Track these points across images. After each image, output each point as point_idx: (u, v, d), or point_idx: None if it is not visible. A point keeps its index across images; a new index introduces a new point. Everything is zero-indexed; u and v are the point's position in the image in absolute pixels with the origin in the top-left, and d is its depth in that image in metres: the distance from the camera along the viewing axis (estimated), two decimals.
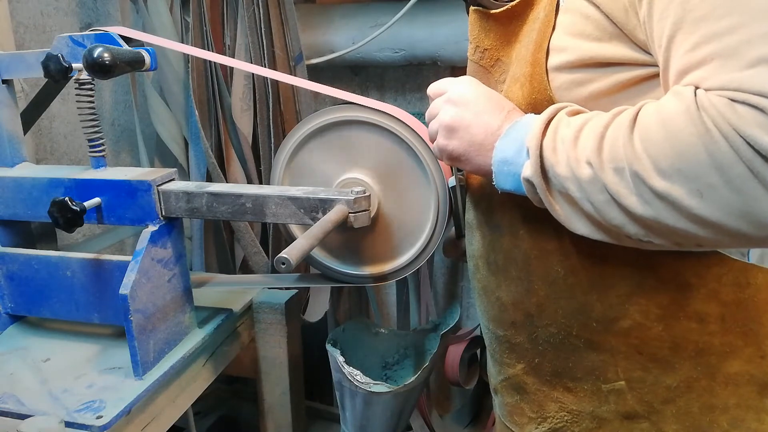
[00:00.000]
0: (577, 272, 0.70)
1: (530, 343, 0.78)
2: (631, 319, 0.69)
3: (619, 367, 0.71)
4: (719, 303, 0.66)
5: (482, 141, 0.67)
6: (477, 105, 0.68)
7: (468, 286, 1.99)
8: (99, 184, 0.96)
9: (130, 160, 1.76)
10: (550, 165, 0.59)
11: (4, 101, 1.04)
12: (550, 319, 0.74)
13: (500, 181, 0.66)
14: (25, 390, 0.92)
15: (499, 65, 0.76)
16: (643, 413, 0.72)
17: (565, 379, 0.76)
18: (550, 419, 0.79)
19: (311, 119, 0.97)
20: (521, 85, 0.69)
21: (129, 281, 0.90)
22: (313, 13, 1.75)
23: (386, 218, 0.99)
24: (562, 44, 0.64)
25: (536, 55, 0.66)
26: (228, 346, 1.19)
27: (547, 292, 0.73)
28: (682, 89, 0.52)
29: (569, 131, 0.58)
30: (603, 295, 0.69)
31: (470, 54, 0.81)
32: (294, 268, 0.73)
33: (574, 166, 0.56)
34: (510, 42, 0.74)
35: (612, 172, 0.54)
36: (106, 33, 0.95)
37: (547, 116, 0.61)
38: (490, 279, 0.81)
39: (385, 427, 1.21)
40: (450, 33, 1.61)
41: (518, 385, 0.82)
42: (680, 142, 0.50)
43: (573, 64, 0.63)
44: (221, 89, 1.55)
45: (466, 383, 1.78)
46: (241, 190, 0.94)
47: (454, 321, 1.23)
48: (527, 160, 0.61)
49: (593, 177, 0.55)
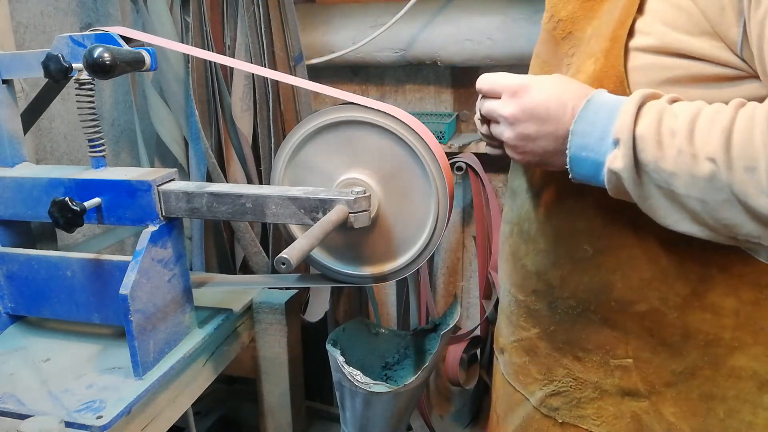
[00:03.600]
0: (604, 253, 0.72)
1: (549, 311, 0.80)
2: (648, 304, 0.71)
3: (630, 346, 0.73)
4: (737, 299, 0.67)
5: (554, 149, 0.65)
6: (541, 114, 0.65)
7: (468, 285, 1.99)
8: (99, 184, 0.96)
9: (130, 160, 1.76)
10: (652, 159, 0.56)
11: (4, 101, 1.04)
12: (570, 292, 0.76)
13: (577, 171, 0.64)
14: (25, 390, 0.92)
15: (570, 39, 0.75)
16: (644, 392, 0.74)
17: (576, 349, 0.78)
18: (556, 382, 0.82)
19: (311, 119, 0.97)
20: (595, 60, 0.67)
21: (129, 281, 0.90)
22: (313, 13, 1.75)
23: (386, 218, 0.99)
24: (650, 29, 0.63)
25: (617, 31, 0.65)
26: (228, 346, 1.19)
27: (572, 267, 0.75)
28: None
29: (680, 124, 0.56)
30: (626, 278, 0.71)
31: (544, 22, 0.79)
32: (294, 268, 0.73)
33: (690, 162, 0.54)
34: (587, 17, 0.72)
35: (742, 170, 0.52)
36: (106, 33, 0.94)
37: (637, 101, 0.58)
38: (520, 246, 0.83)
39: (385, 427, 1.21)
40: (450, 33, 1.61)
41: (530, 347, 0.85)
42: None
43: (657, 49, 0.63)
44: (221, 89, 1.55)
45: (466, 383, 1.78)
46: (241, 190, 0.94)
47: (454, 321, 1.23)
48: (614, 149, 0.59)
49: (713, 175, 0.53)
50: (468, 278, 1.99)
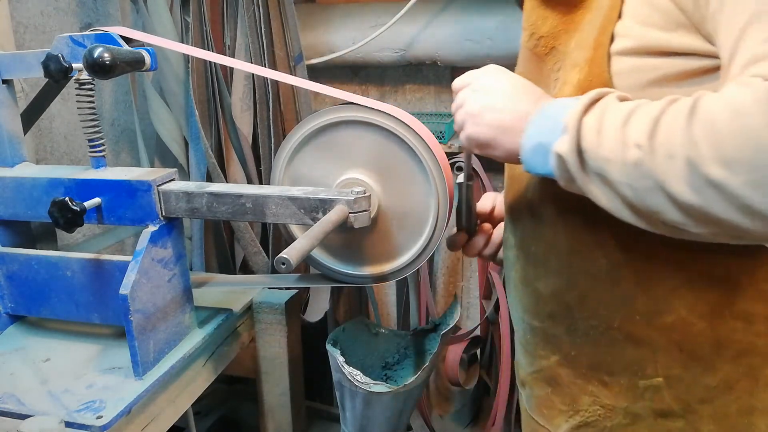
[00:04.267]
0: (622, 266, 0.69)
1: (568, 335, 0.76)
2: (675, 314, 0.68)
3: (659, 364, 0.70)
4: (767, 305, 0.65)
5: (511, 125, 0.66)
6: (504, 91, 0.68)
7: (468, 285, 1.99)
8: (99, 184, 0.96)
9: (130, 160, 1.76)
10: (592, 145, 0.57)
11: (4, 101, 1.04)
12: (590, 311, 0.73)
13: (532, 163, 0.64)
14: (25, 390, 0.92)
15: (554, 54, 0.75)
16: (679, 412, 0.70)
17: (601, 373, 0.74)
18: (582, 413, 0.78)
19: (311, 119, 0.97)
20: (580, 69, 0.68)
21: (129, 281, 0.90)
22: (313, 13, 1.75)
23: (386, 218, 0.99)
24: (627, 31, 0.64)
25: (600, 38, 0.65)
26: (228, 346, 1.19)
27: (590, 284, 0.72)
28: (751, 80, 0.51)
29: (619, 114, 0.57)
30: (649, 289, 0.68)
31: (524, 41, 0.80)
32: (294, 268, 0.73)
33: (620, 148, 0.55)
34: (569, 30, 0.73)
35: (663, 157, 0.53)
36: (106, 33, 0.94)
37: (592, 97, 0.60)
38: (529, 270, 0.80)
39: (385, 427, 1.21)
40: (450, 33, 1.61)
41: (551, 377, 0.80)
42: (749, 130, 0.49)
43: (636, 51, 0.63)
44: (221, 89, 1.55)
45: (466, 383, 1.78)
46: (241, 190, 0.94)
47: (454, 321, 1.23)
48: (562, 136, 0.60)
49: (639, 161, 0.54)
50: (468, 278, 1.99)
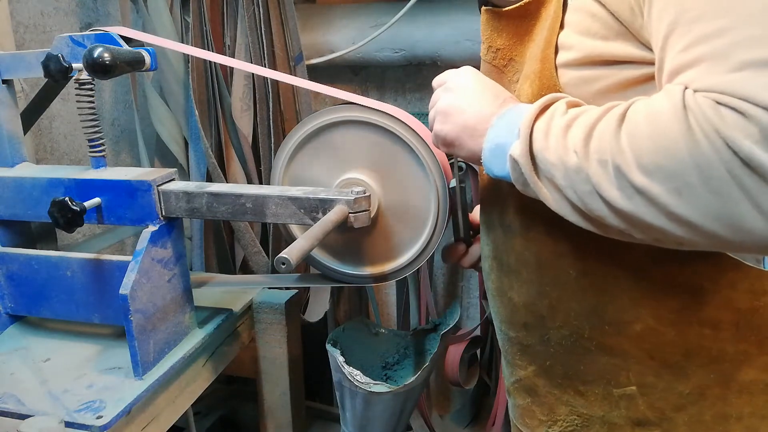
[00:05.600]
0: (589, 274, 0.70)
1: (542, 345, 0.77)
2: (643, 323, 0.68)
3: (631, 372, 0.70)
4: (733, 310, 0.65)
5: (474, 125, 0.67)
6: (473, 92, 0.69)
7: (468, 285, 1.99)
8: (99, 184, 0.96)
9: (130, 160, 1.76)
10: (540, 149, 0.59)
11: (4, 101, 1.04)
12: (562, 321, 0.74)
13: (490, 165, 0.66)
14: (25, 390, 0.92)
15: (512, 65, 0.76)
16: (654, 420, 0.71)
17: (576, 383, 0.75)
18: (560, 422, 0.78)
19: (311, 119, 0.97)
20: (531, 82, 0.69)
21: (129, 281, 0.90)
22: (313, 13, 1.75)
23: (386, 218, 0.99)
24: (570, 42, 0.64)
25: (545, 51, 0.66)
26: (228, 346, 1.19)
27: (559, 294, 0.73)
28: (672, 88, 0.52)
29: (563, 120, 0.58)
30: (615, 298, 0.69)
31: (483, 54, 0.81)
32: (294, 268, 0.73)
33: (562, 153, 0.57)
34: (523, 41, 0.74)
35: (596, 163, 0.54)
36: (106, 33, 0.95)
37: (544, 102, 0.61)
38: (503, 280, 0.81)
39: (385, 427, 1.21)
40: (450, 33, 1.61)
41: (529, 387, 0.81)
42: (664, 139, 0.50)
43: (580, 62, 0.64)
44: (221, 89, 1.55)
45: (466, 383, 1.78)
46: (241, 190, 0.94)
47: (454, 321, 1.23)
48: (517, 139, 0.61)
49: (578, 167, 0.55)
50: (468, 278, 1.99)
